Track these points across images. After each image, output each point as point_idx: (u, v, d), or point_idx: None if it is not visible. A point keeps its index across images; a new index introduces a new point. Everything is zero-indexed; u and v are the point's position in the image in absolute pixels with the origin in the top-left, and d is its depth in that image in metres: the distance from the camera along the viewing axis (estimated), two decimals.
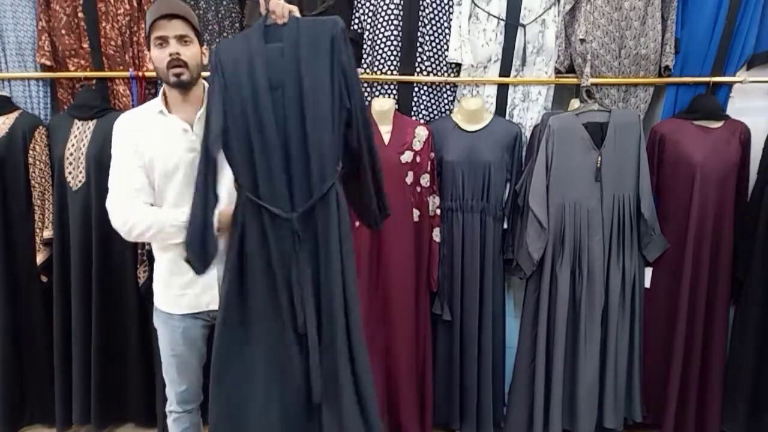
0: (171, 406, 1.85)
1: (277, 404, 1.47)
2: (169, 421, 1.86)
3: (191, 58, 1.60)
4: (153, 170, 1.64)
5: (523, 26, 2.42)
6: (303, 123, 1.40)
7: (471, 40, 2.43)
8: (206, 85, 1.69)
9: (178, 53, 1.57)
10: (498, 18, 2.42)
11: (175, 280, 1.70)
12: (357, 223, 2.31)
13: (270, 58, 1.42)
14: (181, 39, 1.59)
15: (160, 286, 1.76)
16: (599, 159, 2.30)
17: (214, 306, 1.68)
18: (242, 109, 1.41)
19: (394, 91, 2.48)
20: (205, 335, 1.79)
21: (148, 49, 1.63)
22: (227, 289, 1.48)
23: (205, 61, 1.68)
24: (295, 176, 1.42)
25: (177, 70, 1.58)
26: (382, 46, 2.42)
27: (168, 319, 1.75)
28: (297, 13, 1.46)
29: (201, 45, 1.66)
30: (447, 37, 2.45)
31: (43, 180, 2.35)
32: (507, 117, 2.52)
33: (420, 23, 2.41)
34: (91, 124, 2.35)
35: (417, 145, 2.35)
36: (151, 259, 2.36)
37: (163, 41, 1.58)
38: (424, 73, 2.46)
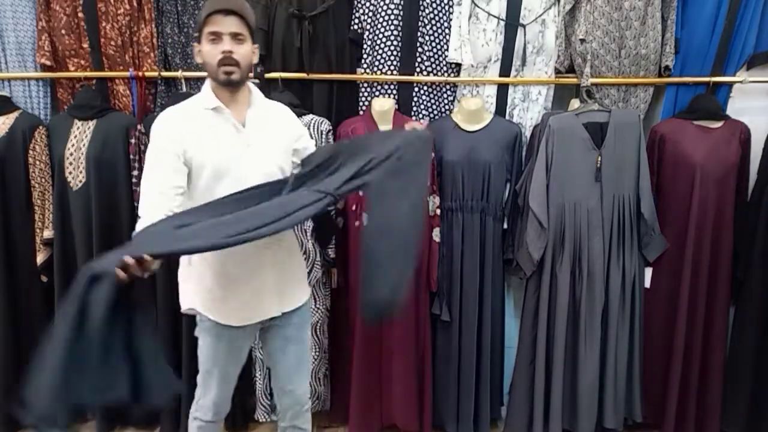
0: (199, 412, 1.78)
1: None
2: (193, 426, 1.80)
3: (244, 57, 1.56)
4: (202, 169, 1.55)
5: (523, 26, 2.42)
6: None
7: (471, 40, 2.43)
8: (251, 85, 1.68)
9: (231, 51, 1.53)
10: (498, 18, 2.42)
11: (230, 294, 1.64)
12: (356, 223, 2.32)
13: None
14: (236, 37, 1.54)
15: (210, 299, 1.66)
16: (599, 159, 2.30)
17: (272, 313, 1.69)
18: None
19: (394, 91, 2.48)
20: (251, 342, 1.77)
21: (198, 42, 1.58)
22: None
23: (255, 59, 1.65)
24: None
25: (228, 69, 1.54)
26: (382, 46, 2.42)
27: (219, 330, 1.67)
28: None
29: (253, 43, 1.62)
30: (447, 37, 2.45)
31: (43, 180, 2.35)
32: (507, 117, 2.52)
33: (420, 23, 2.41)
34: (91, 124, 2.35)
35: None
36: None
37: (217, 37, 1.53)
38: (424, 73, 2.46)
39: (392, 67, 2.45)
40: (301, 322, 1.78)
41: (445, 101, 2.54)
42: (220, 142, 1.58)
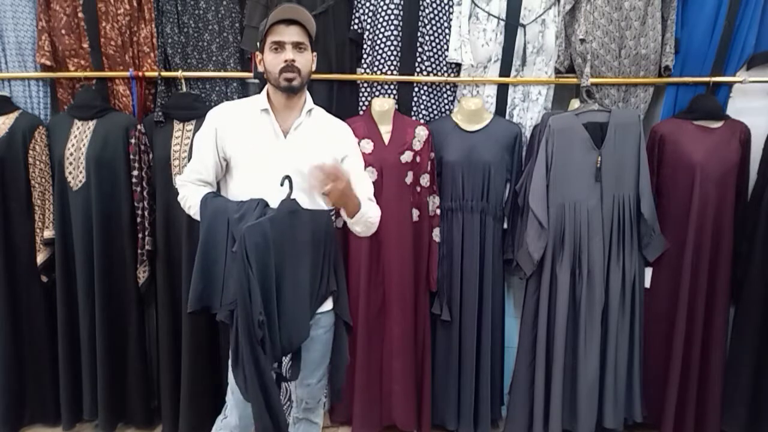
0: (223, 431, 1.73)
1: None
2: None
3: (304, 65, 1.63)
4: (238, 163, 1.64)
5: (523, 26, 2.42)
6: None
7: (471, 40, 2.43)
8: (308, 94, 1.72)
9: (293, 60, 1.59)
10: (498, 18, 2.42)
11: None
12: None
13: None
14: (297, 46, 1.61)
15: None
16: (599, 159, 2.30)
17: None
18: None
19: (394, 91, 2.48)
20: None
21: (261, 51, 1.64)
22: None
23: (314, 67, 1.70)
24: None
25: (289, 75, 1.59)
26: (382, 46, 2.42)
27: None
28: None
29: (313, 51, 1.68)
30: (447, 37, 2.45)
31: (44, 180, 2.35)
32: (507, 117, 2.52)
33: (420, 23, 2.41)
34: (91, 124, 2.35)
35: (417, 145, 2.35)
36: (150, 259, 2.37)
37: (279, 46, 1.60)
38: (424, 73, 2.46)
39: (392, 67, 2.45)
40: (329, 325, 1.78)
41: (445, 101, 2.54)
42: (257, 145, 1.63)
